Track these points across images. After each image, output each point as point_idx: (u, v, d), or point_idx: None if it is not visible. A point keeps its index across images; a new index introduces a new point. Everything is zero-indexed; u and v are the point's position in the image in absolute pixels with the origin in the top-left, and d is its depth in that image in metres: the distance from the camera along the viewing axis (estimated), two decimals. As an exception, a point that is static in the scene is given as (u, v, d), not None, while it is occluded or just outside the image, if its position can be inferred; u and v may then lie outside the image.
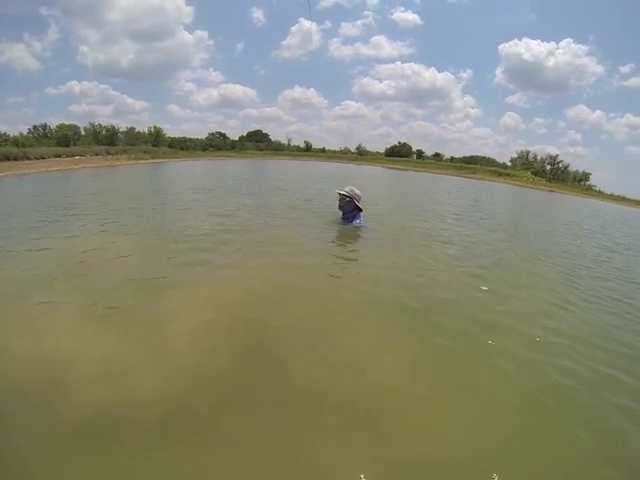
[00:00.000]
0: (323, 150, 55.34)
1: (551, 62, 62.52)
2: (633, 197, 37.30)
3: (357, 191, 5.77)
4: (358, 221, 5.83)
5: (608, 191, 40.10)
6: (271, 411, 2.01)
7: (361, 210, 5.88)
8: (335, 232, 5.89)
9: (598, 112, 67.38)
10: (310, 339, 2.79)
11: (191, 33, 72.95)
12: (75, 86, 63.41)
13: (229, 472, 1.67)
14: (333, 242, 5.51)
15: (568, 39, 63.49)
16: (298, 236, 5.53)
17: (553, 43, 64.30)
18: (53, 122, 41.75)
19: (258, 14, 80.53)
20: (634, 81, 64.17)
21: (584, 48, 65.67)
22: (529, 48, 62.88)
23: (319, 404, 2.07)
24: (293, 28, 72.89)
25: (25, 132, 35.25)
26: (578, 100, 73.30)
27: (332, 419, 1.98)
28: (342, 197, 5.82)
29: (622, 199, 37.02)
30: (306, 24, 63.35)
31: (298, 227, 6.20)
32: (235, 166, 29.25)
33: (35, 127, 37.47)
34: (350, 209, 5.88)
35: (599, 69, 65.81)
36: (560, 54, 62.23)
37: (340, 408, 2.05)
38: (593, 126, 68.90)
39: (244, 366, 2.45)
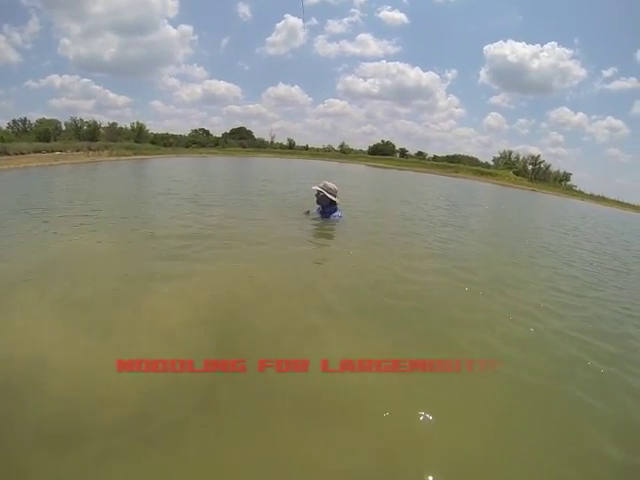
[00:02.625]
0: (306, 148, 55.18)
1: (535, 64, 63.46)
2: (612, 197, 38.23)
3: (330, 185, 6.22)
4: (337, 213, 6.30)
5: (588, 191, 41.03)
6: (249, 416, 2.04)
7: (336, 203, 6.32)
8: (313, 227, 6.23)
9: (580, 114, 68.58)
10: (291, 339, 2.89)
11: (175, 27, 71.87)
12: (56, 80, 62.00)
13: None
14: (311, 237, 5.83)
15: (553, 42, 64.37)
16: (279, 232, 5.80)
17: (538, 46, 65.11)
18: (33, 117, 40.76)
19: (244, 9, 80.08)
20: (616, 84, 65.70)
21: (568, 52, 66.93)
22: (514, 50, 63.64)
23: (299, 407, 2.14)
24: (278, 24, 72.52)
25: (4, 127, 34.52)
26: (561, 102, 75.10)
27: (313, 422, 2.04)
28: (317, 192, 6.25)
29: (602, 199, 37.94)
30: (292, 20, 62.91)
31: (279, 222, 6.49)
32: (218, 164, 29.10)
33: (15, 121, 36.65)
34: (327, 203, 6.26)
35: (582, 72, 67.12)
36: (544, 57, 63.16)
37: (320, 411, 2.11)
38: (575, 128, 70.20)
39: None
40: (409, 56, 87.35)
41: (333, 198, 6.20)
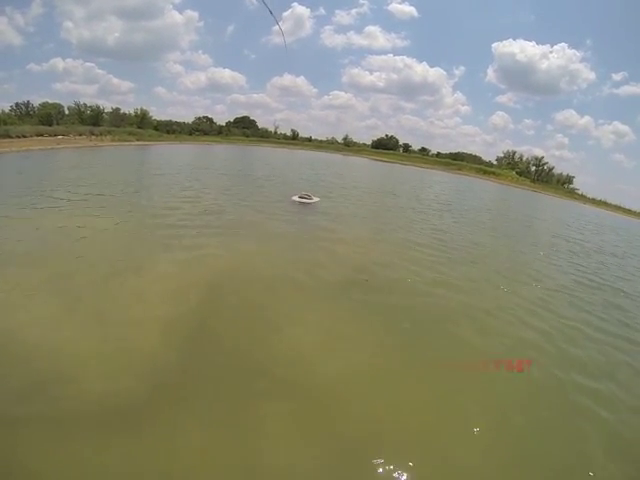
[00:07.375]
0: (309, 139, 54.82)
1: (544, 65, 62.23)
2: (614, 203, 37.98)
3: (309, 194, 10.86)
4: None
5: (590, 195, 40.78)
6: (218, 399, 2.27)
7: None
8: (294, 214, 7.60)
9: (587, 118, 67.13)
10: (260, 318, 3.01)
11: (181, 13, 70.45)
12: (59, 63, 60.74)
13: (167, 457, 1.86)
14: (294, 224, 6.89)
15: (563, 44, 62.60)
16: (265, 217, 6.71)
17: (548, 46, 63.94)
18: (36, 100, 40.34)
19: (251, -4, 78.95)
20: (625, 89, 63.99)
21: (578, 54, 65.51)
22: (523, 49, 62.18)
23: (270, 388, 2.38)
24: (285, 13, 71.19)
25: (7, 109, 34.31)
26: (568, 104, 73.52)
27: (279, 402, 2.29)
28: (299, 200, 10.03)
29: (604, 204, 37.59)
30: (299, 9, 61.71)
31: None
32: (221, 153, 29.07)
33: (17, 104, 36.37)
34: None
35: (592, 75, 65.58)
36: (554, 58, 61.85)
37: (286, 388, 2.40)
38: (581, 131, 68.91)
39: (200, 349, 2.59)
40: (417, 51, 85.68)
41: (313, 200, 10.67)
